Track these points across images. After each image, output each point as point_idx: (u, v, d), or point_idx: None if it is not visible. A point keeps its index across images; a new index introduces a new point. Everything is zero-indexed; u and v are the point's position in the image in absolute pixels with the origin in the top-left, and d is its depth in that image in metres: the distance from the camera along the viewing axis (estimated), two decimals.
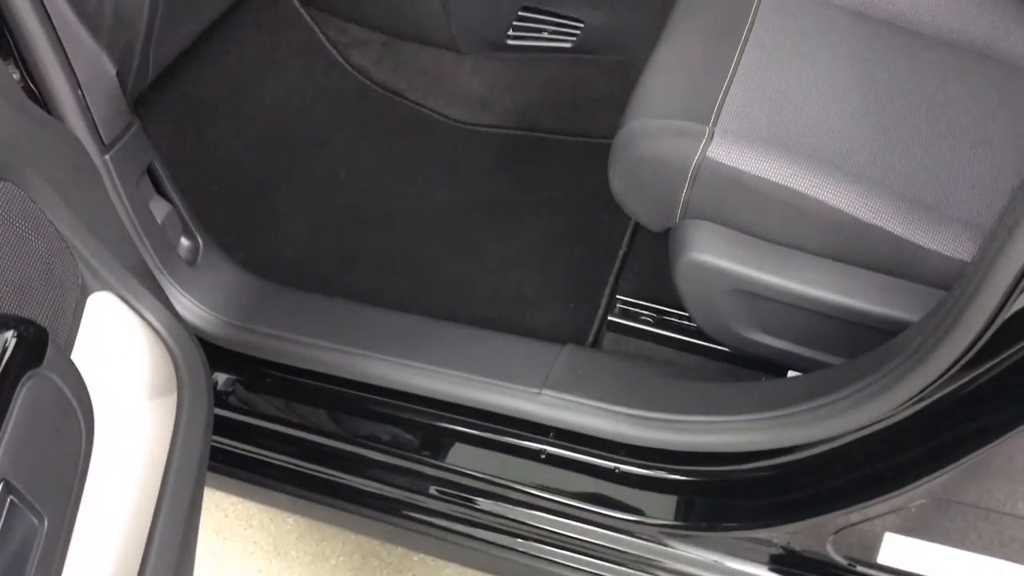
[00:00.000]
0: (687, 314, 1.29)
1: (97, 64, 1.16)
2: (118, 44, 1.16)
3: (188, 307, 1.28)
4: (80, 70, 1.14)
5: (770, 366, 1.26)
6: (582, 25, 1.69)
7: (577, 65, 1.75)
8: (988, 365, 0.90)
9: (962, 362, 0.89)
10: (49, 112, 1.13)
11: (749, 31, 1.26)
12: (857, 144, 1.13)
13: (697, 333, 1.35)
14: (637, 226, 1.54)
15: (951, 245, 1.02)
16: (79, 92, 1.15)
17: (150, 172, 1.29)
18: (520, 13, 1.70)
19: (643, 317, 1.43)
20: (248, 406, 1.34)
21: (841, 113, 1.17)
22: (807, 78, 1.21)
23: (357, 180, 1.70)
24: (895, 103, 1.20)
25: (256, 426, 1.33)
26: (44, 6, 1.08)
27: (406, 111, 1.81)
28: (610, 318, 1.43)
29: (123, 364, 0.99)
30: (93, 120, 1.17)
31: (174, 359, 1.00)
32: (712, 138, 1.09)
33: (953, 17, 1.32)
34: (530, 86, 1.78)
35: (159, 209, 1.30)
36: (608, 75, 1.73)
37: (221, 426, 1.22)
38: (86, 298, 0.94)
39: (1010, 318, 0.85)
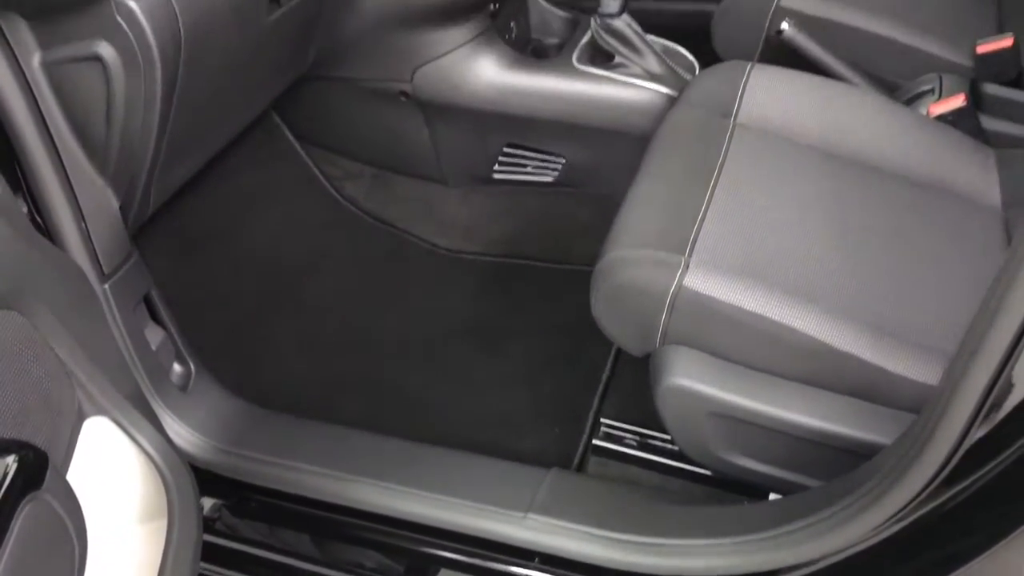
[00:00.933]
0: (670, 437, 1.31)
1: (101, 198, 1.22)
2: (123, 178, 1.22)
3: (179, 432, 1.30)
4: (85, 203, 1.19)
5: (752, 489, 1.28)
6: (563, 161, 1.78)
7: (559, 197, 1.83)
8: (959, 487, 0.93)
9: (933, 485, 0.92)
10: (52, 241, 1.17)
11: (721, 168, 1.33)
12: (826, 274, 1.18)
13: (680, 456, 1.38)
14: (619, 351, 1.58)
15: (918, 370, 1.07)
16: (83, 224, 1.20)
17: (146, 299, 1.33)
18: (505, 149, 1.79)
19: (627, 441, 1.45)
20: (234, 531, 1.34)
21: (810, 245, 1.23)
22: (776, 212, 1.27)
23: (346, 306, 1.75)
24: (861, 236, 1.26)
25: (242, 552, 1.32)
26: (53, 142, 1.15)
27: (395, 240, 1.88)
28: (595, 442, 1.46)
29: (115, 488, 1.00)
30: (95, 251, 1.21)
31: (165, 485, 1.02)
32: (688, 268, 1.14)
33: (912, 157, 1.41)
34: (515, 217, 1.85)
35: (153, 336, 1.34)
36: (588, 207, 1.81)
37: (207, 551, 1.22)
38: (82, 423, 0.96)
39: (977, 441, 0.88)
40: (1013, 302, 0.81)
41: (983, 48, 1.60)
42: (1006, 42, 1.59)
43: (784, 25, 1.64)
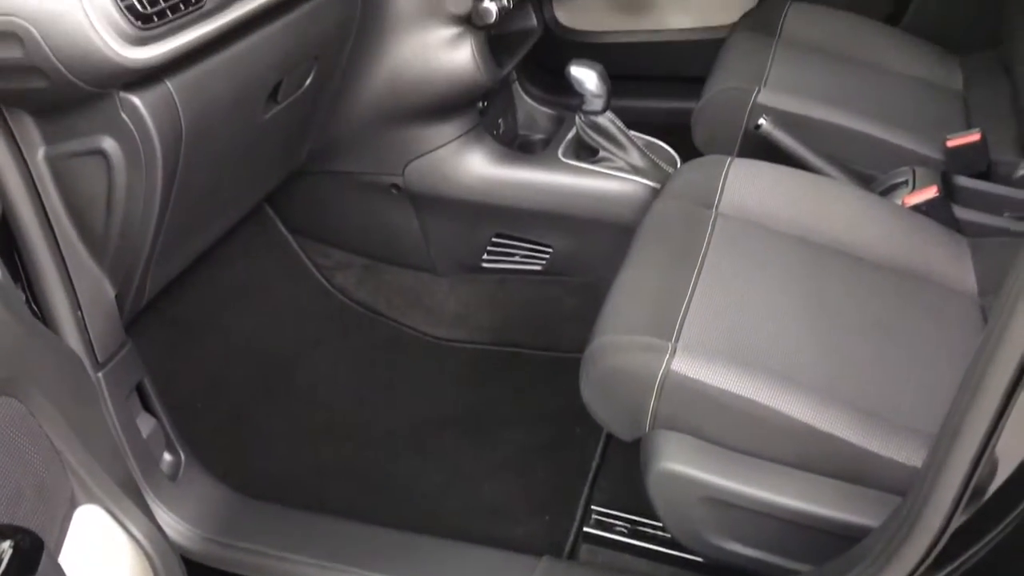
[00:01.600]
0: (661, 524, 1.31)
1: (98, 287, 1.24)
2: (120, 268, 1.24)
3: (169, 522, 1.30)
4: (82, 293, 1.22)
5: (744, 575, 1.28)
6: (551, 250, 1.82)
7: (547, 285, 1.86)
8: (948, 570, 0.94)
9: (921, 569, 0.92)
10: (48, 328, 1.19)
11: (704, 256, 1.37)
12: (811, 358, 1.21)
13: (672, 544, 1.37)
14: (609, 437, 1.59)
15: (903, 452, 1.08)
16: (79, 313, 1.22)
17: (138, 387, 1.34)
18: (494, 239, 1.83)
19: (618, 528, 1.45)
20: None
21: (794, 329, 1.26)
22: (760, 298, 1.31)
23: (335, 395, 1.76)
24: (842, 321, 1.30)
25: None
26: (54, 232, 1.18)
27: (385, 329, 1.90)
28: (586, 529, 1.45)
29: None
30: (90, 340, 1.23)
31: (156, 574, 1.01)
32: (675, 353, 1.16)
33: (889, 245, 1.45)
34: (503, 305, 1.88)
35: (145, 424, 1.34)
36: (576, 295, 1.84)
37: None
38: (74, 510, 0.97)
39: (964, 523, 0.90)
40: (991, 380, 0.84)
41: (953, 142, 1.67)
42: (974, 137, 1.66)
43: (762, 121, 1.70)
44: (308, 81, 1.46)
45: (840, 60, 2.02)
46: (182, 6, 1.09)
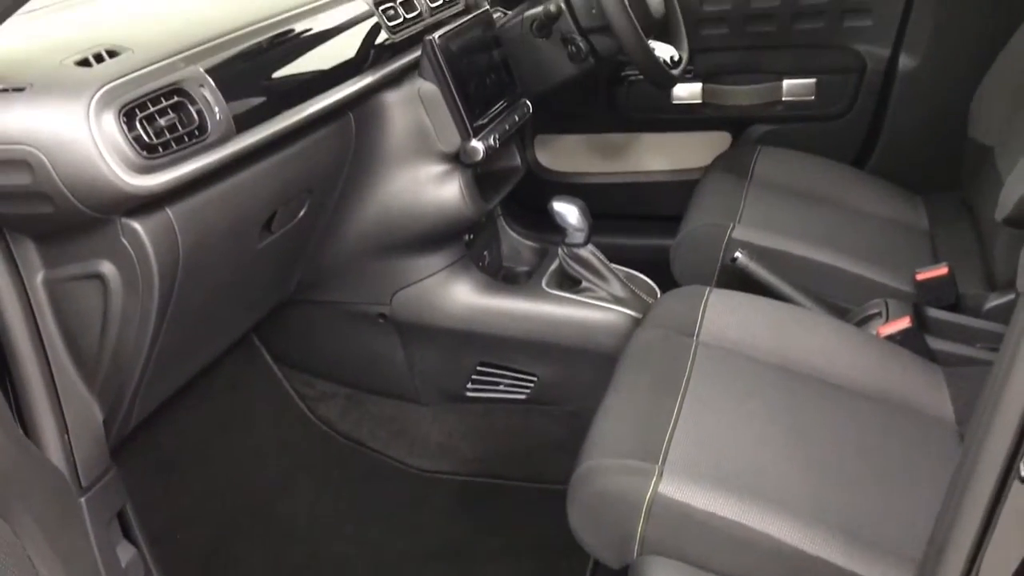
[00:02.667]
0: None
1: (87, 411, 1.24)
2: (109, 392, 1.25)
3: None
4: (70, 416, 1.22)
5: None
6: (535, 379, 1.84)
7: (531, 415, 1.87)
8: None
9: None
10: None
11: (687, 383, 1.40)
12: (796, 482, 1.22)
13: None
14: (596, 570, 1.57)
15: (890, 574, 1.08)
16: (66, 437, 1.22)
17: (120, 514, 1.33)
18: (479, 368, 1.85)
19: None
20: None
21: (778, 454, 1.27)
22: (743, 424, 1.33)
23: (317, 527, 1.73)
24: (825, 447, 1.31)
25: None
26: (46, 355, 1.19)
27: (368, 460, 1.89)
28: None
29: None
30: (75, 464, 1.23)
31: None
32: (663, 476, 1.17)
33: (866, 373, 1.48)
34: (487, 435, 1.89)
35: (124, 553, 1.32)
36: (560, 424, 1.85)
37: None
38: None
39: None
40: (972, 498, 0.86)
41: (922, 276, 1.73)
42: (942, 271, 1.72)
43: (738, 254, 1.77)
44: (302, 213, 1.51)
45: (810, 200, 2.11)
46: (186, 138, 1.14)
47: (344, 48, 1.49)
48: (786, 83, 2.34)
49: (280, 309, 1.77)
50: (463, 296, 1.77)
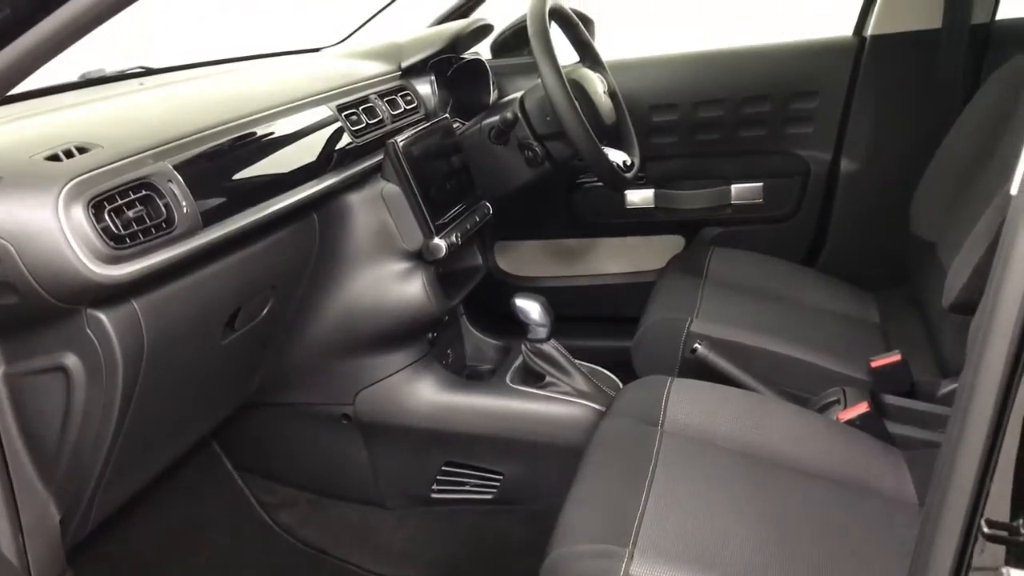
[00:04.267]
0: None
1: (43, 510, 1.21)
2: (68, 491, 1.22)
3: None
4: (26, 516, 1.19)
5: None
6: (501, 477, 1.82)
7: (497, 516, 1.85)
8: None
9: None
10: None
11: (654, 470, 1.40)
12: (764, 566, 1.22)
13: None
14: None
15: None
16: (20, 538, 1.18)
17: None
18: (444, 468, 1.83)
19: None
20: None
21: (746, 536, 1.27)
22: (710, 509, 1.33)
23: None
24: (792, 531, 1.31)
25: None
26: (3, 450, 1.16)
27: (331, 569, 1.84)
28: None
29: None
30: (28, 566, 1.18)
31: None
32: (633, 558, 1.16)
33: (829, 458, 1.50)
34: (452, 539, 1.85)
35: None
36: (526, 525, 1.83)
37: None
38: None
39: None
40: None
41: (877, 363, 1.77)
42: (895, 358, 1.76)
43: (697, 345, 1.80)
44: (265, 311, 1.52)
45: (764, 296, 2.17)
46: (153, 231, 1.16)
47: (308, 151, 1.53)
48: (735, 187, 2.43)
49: (241, 413, 1.75)
50: (428, 394, 1.77)
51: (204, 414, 1.56)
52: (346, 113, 1.66)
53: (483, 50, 2.43)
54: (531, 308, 1.79)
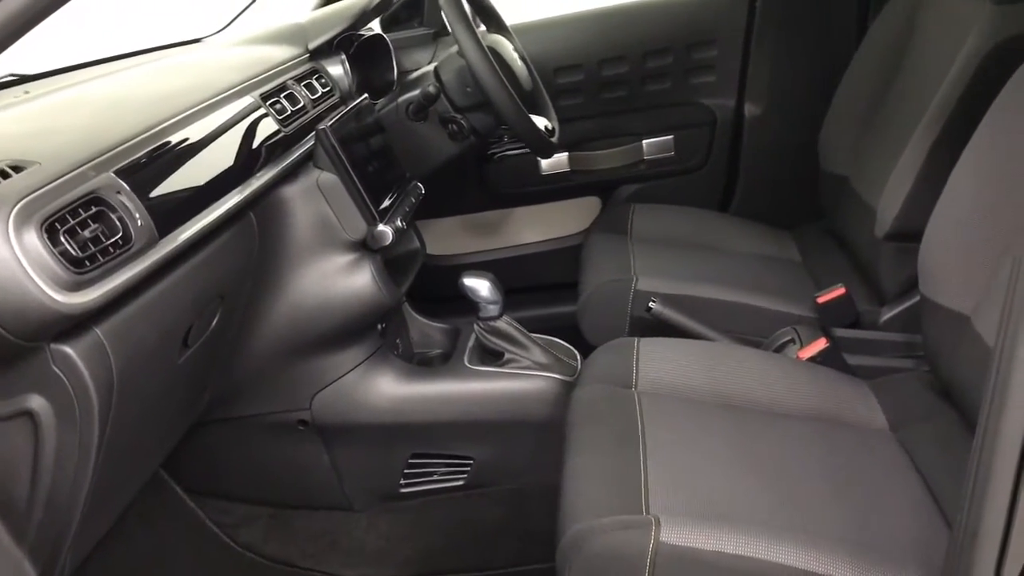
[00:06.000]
0: None
1: (19, 571, 1.09)
2: (44, 547, 1.11)
3: None
4: None
5: None
6: (471, 461, 1.78)
7: (471, 500, 1.80)
8: None
9: None
10: None
11: (643, 432, 1.39)
12: (777, 509, 1.23)
13: None
14: None
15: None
16: None
17: None
18: (411, 461, 1.77)
19: None
20: None
21: (750, 486, 1.28)
22: (707, 462, 1.33)
23: None
24: (787, 471, 1.33)
25: None
26: None
27: None
28: None
29: None
30: None
31: None
32: (660, 524, 1.15)
33: (803, 398, 1.53)
34: (427, 530, 1.80)
35: None
36: (502, 504, 1.79)
37: None
38: None
39: None
40: (996, 483, 0.88)
41: (823, 299, 1.81)
42: (840, 291, 1.81)
43: (652, 304, 1.80)
44: (215, 322, 1.41)
45: (691, 247, 2.19)
46: (111, 249, 1.05)
47: (242, 145, 1.43)
48: (646, 143, 2.44)
49: (187, 435, 1.64)
50: (387, 387, 1.70)
51: (165, 440, 1.44)
52: (270, 102, 1.56)
53: (373, 25, 2.34)
54: (480, 286, 1.74)
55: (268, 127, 1.52)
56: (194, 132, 1.31)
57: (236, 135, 1.42)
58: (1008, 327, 0.88)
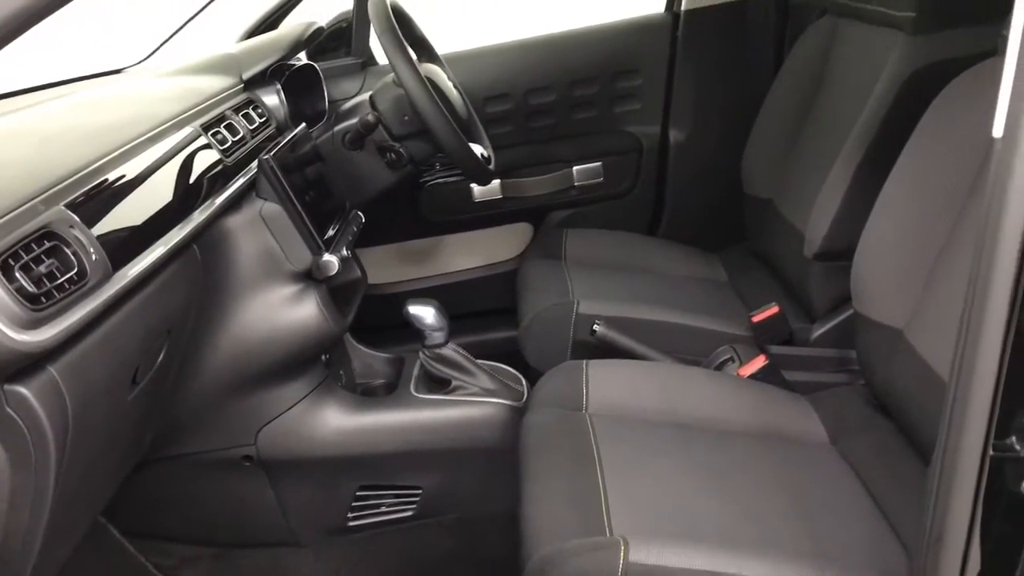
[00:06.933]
0: None
1: None
2: None
3: None
4: None
5: None
6: (420, 491, 1.76)
7: (420, 531, 1.79)
8: None
9: None
10: None
11: (599, 454, 1.40)
12: (737, 524, 1.26)
13: None
14: None
15: None
16: None
17: None
18: (359, 493, 1.75)
19: None
20: None
21: (708, 502, 1.31)
22: (664, 481, 1.35)
23: None
24: (742, 487, 1.37)
25: None
26: None
27: None
28: None
29: None
30: None
31: None
32: (628, 545, 1.16)
33: (748, 415, 1.57)
34: (377, 563, 1.78)
35: None
36: (452, 534, 1.78)
37: None
38: None
39: None
40: (959, 483, 0.92)
41: (758, 318, 1.87)
42: (774, 310, 1.87)
43: (596, 326, 1.82)
44: (161, 357, 1.37)
45: (624, 269, 2.24)
46: (67, 284, 1.02)
47: (187, 176, 1.40)
48: (575, 169, 2.48)
49: (127, 476, 1.58)
50: (333, 420, 1.68)
51: (112, 482, 1.39)
52: (211, 132, 1.53)
53: (301, 55, 2.33)
54: (426, 313, 1.74)
55: (210, 158, 1.50)
56: (140, 163, 1.28)
57: (181, 167, 1.39)
58: (966, 339, 0.92)
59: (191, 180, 1.40)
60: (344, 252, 1.63)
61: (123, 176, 1.22)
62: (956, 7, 1.71)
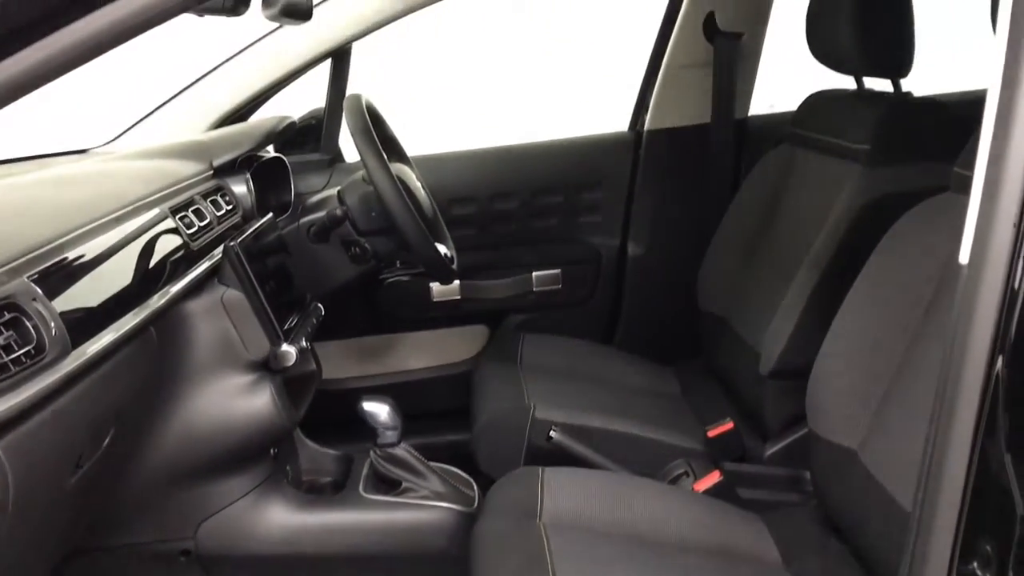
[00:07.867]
0: None
1: None
2: None
3: None
4: None
5: None
6: None
7: None
8: None
9: None
10: None
11: (552, 567, 1.37)
12: None
13: None
14: None
15: None
16: None
17: None
18: None
19: None
20: None
21: None
22: None
23: None
24: None
25: None
26: None
27: None
28: None
29: None
30: None
31: None
32: None
33: (703, 532, 1.56)
34: None
35: None
36: None
37: None
38: None
39: None
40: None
41: (713, 433, 1.88)
42: (728, 425, 1.88)
43: (552, 432, 1.81)
44: (106, 442, 1.32)
45: (579, 377, 2.23)
46: (24, 358, 0.99)
47: (150, 257, 1.38)
48: (535, 275, 2.50)
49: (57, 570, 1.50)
50: (278, 517, 1.62)
51: (43, 571, 1.32)
52: (179, 216, 1.53)
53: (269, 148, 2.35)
54: (380, 411, 1.71)
55: (175, 241, 1.49)
56: (107, 240, 1.27)
57: (145, 247, 1.38)
58: (929, 468, 0.92)
59: (154, 261, 1.38)
60: (303, 343, 1.61)
61: (87, 252, 1.21)
62: (910, 143, 1.80)
